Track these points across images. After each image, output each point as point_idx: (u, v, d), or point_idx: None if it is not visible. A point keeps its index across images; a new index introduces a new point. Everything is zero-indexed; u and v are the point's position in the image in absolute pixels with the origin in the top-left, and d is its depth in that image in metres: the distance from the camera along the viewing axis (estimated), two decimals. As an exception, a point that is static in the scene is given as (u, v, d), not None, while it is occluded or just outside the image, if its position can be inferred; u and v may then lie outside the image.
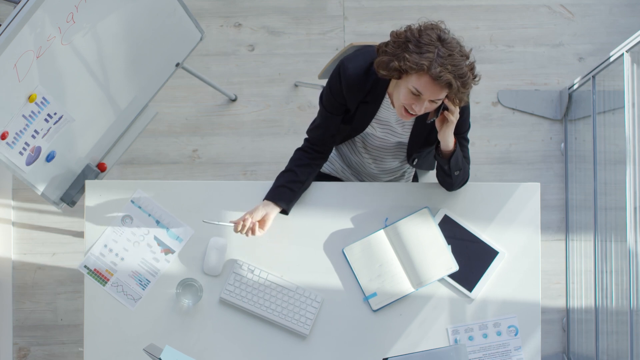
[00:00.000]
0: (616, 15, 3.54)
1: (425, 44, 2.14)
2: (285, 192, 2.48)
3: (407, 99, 2.22)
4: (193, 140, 3.46)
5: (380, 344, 2.51)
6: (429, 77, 2.14)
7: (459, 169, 2.42)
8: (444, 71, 2.13)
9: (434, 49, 2.14)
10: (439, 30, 2.18)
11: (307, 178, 2.50)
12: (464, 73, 2.15)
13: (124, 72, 2.66)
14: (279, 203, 2.47)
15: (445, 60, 2.13)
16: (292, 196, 2.48)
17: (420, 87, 2.17)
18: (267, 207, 2.46)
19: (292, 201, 2.49)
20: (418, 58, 2.14)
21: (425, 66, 2.13)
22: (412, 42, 2.16)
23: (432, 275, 2.50)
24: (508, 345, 2.51)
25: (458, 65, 2.14)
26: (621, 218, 2.88)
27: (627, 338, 2.77)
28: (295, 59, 3.50)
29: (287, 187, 2.47)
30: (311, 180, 2.52)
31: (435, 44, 2.14)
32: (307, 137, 2.53)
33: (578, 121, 3.40)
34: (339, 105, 2.40)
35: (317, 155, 2.51)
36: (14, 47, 2.17)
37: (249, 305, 2.50)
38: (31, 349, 3.34)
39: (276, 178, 2.50)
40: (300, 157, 2.51)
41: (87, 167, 2.70)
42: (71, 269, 3.37)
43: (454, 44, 2.16)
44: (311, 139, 2.51)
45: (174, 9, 2.67)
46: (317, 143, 2.50)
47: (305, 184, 2.50)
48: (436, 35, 2.16)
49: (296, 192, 2.49)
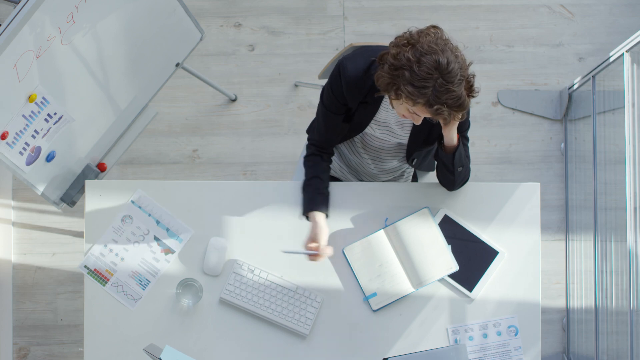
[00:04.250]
0: (616, 15, 3.54)
1: (422, 78, 2.06)
2: (323, 199, 2.49)
3: (405, 114, 2.21)
4: (193, 140, 3.46)
5: (380, 344, 2.51)
6: (425, 108, 2.12)
7: (462, 165, 2.42)
8: (441, 107, 2.09)
9: (432, 82, 2.06)
10: (439, 52, 2.07)
11: (328, 178, 2.53)
12: (461, 102, 2.10)
13: (124, 72, 2.66)
14: (322, 209, 2.48)
15: (443, 95, 2.07)
16: (328, 200, 2.50)
17: (418, 112, 2.16)
18: (318, 223, 2.46)
19: (329, 205, 2.51)
20: (415, 92, 2.08)
21: (422, 103, 2.10)
22: (409, 71, 2.08)
23: (432, 275, 2.50)
24: (508, 345, 2.51)
25: (455, 97, 2.08)
26: (621, 218, 2.88)
27: (627, 338, 2.77)
28: (295, 59, 3.50)
29: (321, 193, 2.49)
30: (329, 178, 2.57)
31: (433, 75, 2.06)
32: (312, 140, 2.52)
33: (578, 121, 3.40)
34: (340, 104, 2.39)
35: (326, 155, 2.53)
36: (14, 47, 2.17)
37: (249, 305, 2.50)
38: (31, 349, 3.34)
39: (305, 189, 2.50)
40: (317, 162, 2.51)
41: (87, 167, 2.70)
42: (71, 269, 3.37)
43: (454, 69, 2.07)
44: (316, 142, 2.50)
45: (174, 9, 2.67)
46: (323, 145, 2.50)
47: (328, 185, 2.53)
48: (434, 61, 2.06)
49: (328, 195, 2.51)
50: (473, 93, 2.17)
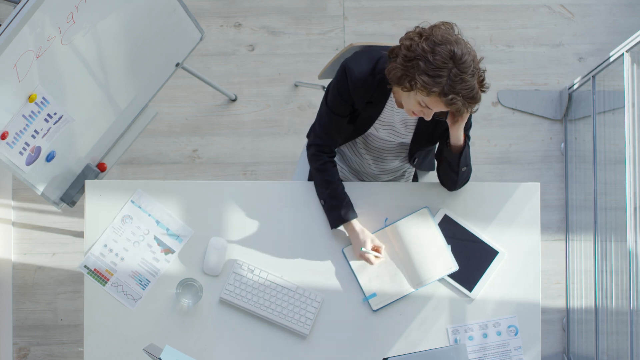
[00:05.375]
0: (616, 15, 3.54)
1: (437, 67, 2.08)
2: (348, 205, 2.49)
3: (416, 109, 2.21)
4: (193, 140, 3.46)
5: (380, 344, 2.51)
6: (439, 98, 2.13)
7: (466, 164, 2.43)
8: (456, 97, 2.10)
9: (447, 71, 2.08)
10: (453, 42, 2.10)
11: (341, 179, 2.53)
12: (474, 94, 2.13)
13: (124, 72, 2.66)
14: (354, 216, 2.49)
15: (458, 85, 2.09)
16: (350, 203, 2.50)
17: (430, 104, 2.16)
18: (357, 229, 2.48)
19: (353, 206, 2.50)
20: (429, 82, 2.09)
21: (436, 92, 2.11)
22: (423, 61, 2.10)
23: (432, 275, 2.50)
24: (508, 345, 2.51)
25: (470, 87, 2.11)
26: (621, 218, 2.88)
27: (627, 338, 2.77)
28: (295, 59, 3.51)
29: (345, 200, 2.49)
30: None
31: (448, 64, 2.08)
32: (317, 143, 2.50)
33: (578, 121, 3.40)
34: (347, 106, 2.39)
35: (332, 158, 2.52)
36: (14, 47, 2.17)
37: (249, 305, 2.50)
38: (31, 349, 3.34)
39: (326, 198, 2.50)
40: (328, 168, 2.50)
41: (87, 167, 2.70)
42: (71, 269, 3.37)
43: (467, 60, 2.10)
44: (322, 145, 2.49)
45: (174, 9, 2.67)
46: (327, 150, 2.50)
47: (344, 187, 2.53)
48: (449, 51, 2.08)
49: (349, 198, 2.50)
50: (484, 87, 2.19)
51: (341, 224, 2.49)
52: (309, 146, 2.53)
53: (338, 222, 2.49)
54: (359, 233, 2.47)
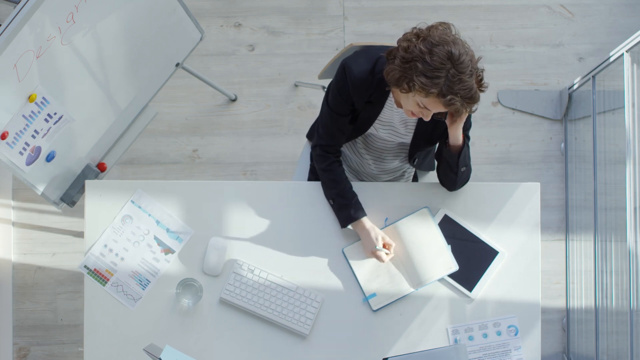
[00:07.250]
0: (616, 15, 3.54)
1: (435, 68, 2.08)
2: (357, 203, 2.49)
3: (415, 109, 2.21)
4: (193, 140, 3.46)
5: (380, 344, 2.51)
6: (438, 99, 2.13)
7: (465, 165, 2.43)
8: (454, 98, 2.10)
9: (444, 72, 2.08)
10: (450, 43, 2.10)
11: (348, 179, 2.53)
12: (473, 94, 2.13)
13: (124, 72, 2.66)
14: (363, 214, 2.49)
15: (456, 85, 2.09)
16: (359, 201, 2.50)
17: (429, 105, 2.16)
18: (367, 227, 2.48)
19: (361, 204, 2.50)
20: (427, 83, 2.09)
21: (435, 93, 2.11)
22: (421, 62, 2.10)
23: (432, 275, 2.50)
24: (508, 345, 2.51)
25: (468, 87, 2.11)
26: (621, 218, 2.88)
27: (627, 338, 2.77)
28: (295, 59, 3.51)
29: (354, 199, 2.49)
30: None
31: (445, 65, 2.08)
32: (321, 144, 2.49)
33: (578, 121, 3.40)
34: (347, 106, 2.39)
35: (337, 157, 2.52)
36: (14, 47, 2.17)
37: (249, 305, 2.50)
38: (31, 349, 3.35)
39: (335, 197, 2.50)
40: (334, 169, 2.50)
41: (87, 167, 2.70)
42: (71, 269, 3.37)
43: (465, 60, 2.10)
44: (326, 146, 2.49)
45: (174, 9, 2.67)
46: (333, 151, 2.49)
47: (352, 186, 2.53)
48: (446, 52, 2.08)
49: (356, 195, 2.50)
50: (482, 87, 2.19)
51: (351, 223, 2.49)
52: (314, 147, 2.52)
53: (348, 220, 2.49)
54: (370, 231, 2.47)
